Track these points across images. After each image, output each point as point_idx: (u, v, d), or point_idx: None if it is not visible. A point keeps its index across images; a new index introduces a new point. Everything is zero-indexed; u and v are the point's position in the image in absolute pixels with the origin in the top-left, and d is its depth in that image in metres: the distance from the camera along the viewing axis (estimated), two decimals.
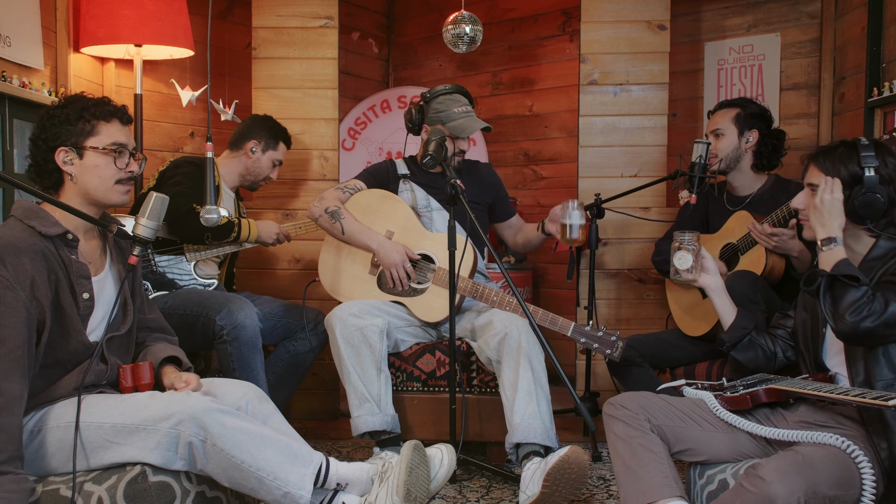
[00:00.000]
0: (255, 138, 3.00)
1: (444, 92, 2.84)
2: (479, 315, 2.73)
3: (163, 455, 1.71)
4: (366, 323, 2.56)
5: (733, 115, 2.75)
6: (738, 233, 2.65)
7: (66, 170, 1.82)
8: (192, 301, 2.63)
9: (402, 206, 2.84)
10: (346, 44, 4.30)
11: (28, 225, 1.73)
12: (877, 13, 2.88)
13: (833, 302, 1.78)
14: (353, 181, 2.91)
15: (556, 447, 2.36)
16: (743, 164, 2.75)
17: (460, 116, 2.79)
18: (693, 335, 2.73)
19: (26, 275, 1.66)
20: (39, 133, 1.82)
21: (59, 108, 1.84)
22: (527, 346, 2.46)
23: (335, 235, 2.82)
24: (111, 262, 1.93)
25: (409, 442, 1.96)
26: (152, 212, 1.86)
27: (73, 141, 1.81)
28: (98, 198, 1.85)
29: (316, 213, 2.83)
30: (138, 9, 3.02)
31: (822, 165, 1.91)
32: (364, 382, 2.54)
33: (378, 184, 2.92)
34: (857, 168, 1.85)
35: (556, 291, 4.17)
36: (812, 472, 1.55)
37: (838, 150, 1.90)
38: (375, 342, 2.56)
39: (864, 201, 1.84)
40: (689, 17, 3.69)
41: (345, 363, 2.55)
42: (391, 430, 2.56)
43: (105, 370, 1.86)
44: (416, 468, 1.91)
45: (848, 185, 1.86)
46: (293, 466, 1.75)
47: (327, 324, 2.63)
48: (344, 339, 2.55)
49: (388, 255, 2.71)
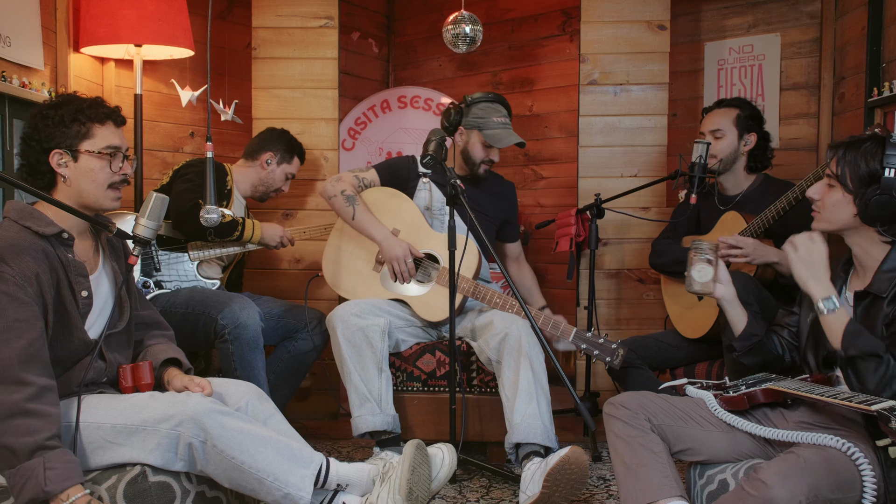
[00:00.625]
0: (272, 151, 3.03)
1: (486, 99, 2.85)
2: (480, 315, 2.73)
3: (162, 456, 1.71)
4: (367, 323, 2.56)
5: (734, 116, 2.74)
6: (728, 233, 2.65)
7: (60, 172, 1.81)
8: (195, 300, 2.63)
9: (410, 206, 2.84)
10: (346, 44, 4.30)
11: (24, 225, 1.73)
12: (877, 13, 2.88)
13: (859, 380, 1.74)
14: (371, 173, 2.90)
15: (556, 448, 2.36)
16: (738, 165, 2.76)
17: (498, 126, 2.80)
18: (691, 337, 2.73)
19: (31, 272, 1.68)
20: (32, 133, 1.81)
21: (52, 109, 1.82)
22: (527, 346, 2.46)
23: (344, 218, 2.81)
24: (104, 261, 1.94)
25: (411, 441, 1.96)
26: (152, 212, 1.86)
27: (68, 143, 1.81)
28: (89, 202, 1.85)
29: (331, 191, 2.81)
30: (138, 9, 3.02)
31: (843, 159, 1.84)
32: (365, 382, 2.54)
33: (395, 179, 2.90)
34: (879, 166, 1.78)
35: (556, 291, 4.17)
36: (813, 475, 1.54)
37: (865, 143, 1.82)
38: (377, 342, 2.56)
39: (878, 202, 1.77)
40: (689, 17, 3.69)
41: (346, 363, 2.55)
42: (392, 431, 2.56)
43: (104, 367, 1.87)
44: (419, 467, 1.91)
45: (865, 182, 1.80)
46: (293, 467, 1.75)
47: (329, 323, 2.63)
48: (345, 338, 2.55)
49: (392, 249, 2.70)
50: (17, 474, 1.59)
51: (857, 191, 1.82)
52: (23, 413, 1.60)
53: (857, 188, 1.82)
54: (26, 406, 1.60)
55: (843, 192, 1.85)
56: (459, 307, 2.73)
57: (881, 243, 1.85)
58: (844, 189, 1.84)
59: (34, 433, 1.59)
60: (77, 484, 1.60)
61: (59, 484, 1.57)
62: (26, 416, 1.60)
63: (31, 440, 1.59)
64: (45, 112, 1.82)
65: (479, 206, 2.90)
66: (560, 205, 4.01)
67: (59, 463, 1.59)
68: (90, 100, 1.87)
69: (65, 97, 1.86)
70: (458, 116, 2.85)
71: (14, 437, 1.59)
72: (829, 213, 1.89)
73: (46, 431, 1.61)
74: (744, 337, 2.07)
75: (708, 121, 2.79)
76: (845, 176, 1.84)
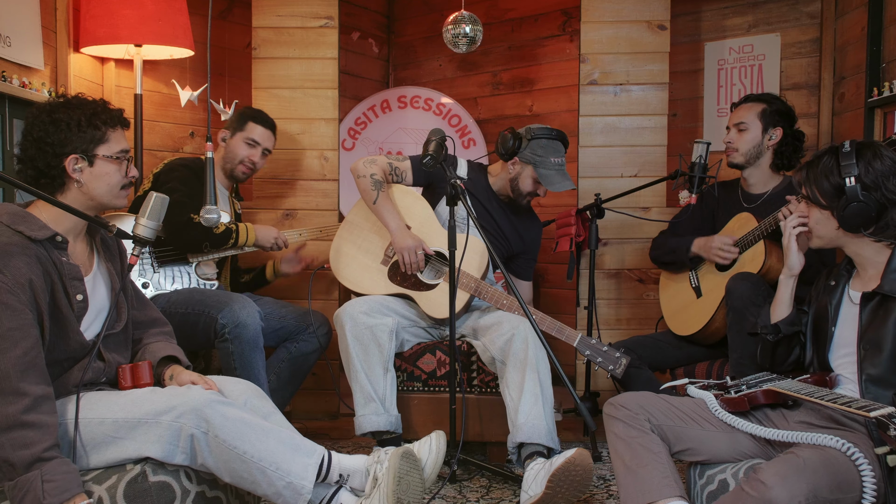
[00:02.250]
0: (225, 128, 3.00)
1: (548, 136, 2.78)
2: (484, 315, 2.73)
3: (164, 448, 1.71)
4: (376, 322, 2.56)
5: (759, 110, 2.70)
6: (738, 233, 2.65)
7: (74, 177, 1.80)
8: (194, 300, 2.63)
9: (423, 204, 2.84)
10: (346, 44, 4.30)
11: (15, 230, 1.70)
12: (877, 13, 2.88)
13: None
14: (406, 167, 2.85)
15: (558, 449, 2.37)
16: (762, 161, 2.71)
17: (553, 168, 2.76)
18: (681, 334, 2.73)
19: (24, 278, 1.66)
20: (44, 137, 1.77)
21: (63, 112, 1.80)
22: (534, 348, 2.46)
23: (366, 200, 2.79)
24: (99, 262, 1.93)
25: (395, 451, 1.92)
26: (152, 212, 1.86)
27: (84, 148, 1.80)
28: (105, 203, 1.86)
29: (363, 171, 2.80)
30: (138, 9, 3.02)
31: (807, 180, 1.90)
32: (371, 381, 2.54)
33: (429, 178, 2.87)
34: (839, 178, 1.83)
35: (556, 291, 4.17)
36: (813, 475, 1.54)
37: (822, 160, 1.88)
38: (385, 342, 2.55)
39: (852, 211, 1.81)
40: (689, 17, 3.69)
41: (353, 361, 2.54)
42: (394, 431, 2.56)
43: (103, 367, 1.87)
44: (406, 475, 1.90)
45: (835, 196, 1.84)
46: (296, 456, 1.76)
47: (336, 320, 2.61)
48: (353, 336, 2.54)
49: (404, 239, 2.70)
50: (16, 487, 1.58)
51: (831, 205, 1.86)
52: (20, 425, 1.59)
53: (830, 203, 1.86)
54: (22, 418, 1.59)
55: (820, 209, 1.89)
56: (465, 306, 2.73)
57: (878, 246, 1.87)
58: (819, 207, 1.89)
59: (31, 445, 1.59)
60: (77, 494, 1.60)
61: (58, 496, 1.57)
62: (23, 429, 1.59)
63: (27, 453, 1.58)
64: (55, 116, 1.79)
65: (499, 226, 2.90)
66: (560, 205, 4.01)
67: (57, 474, 1.59)
68: (100, 103, 1.86)
69: (72, 100, 1.84)
70: (516, 146, 2.76)
71: (11, 451, 1.58)
72: (816, 230, 1.94)
73: (43, 443, 1.60)
74: (788, 321, 2.05)
75: (734, 114, 2.76)
76: (815, 195, 1.89)
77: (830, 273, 2.02)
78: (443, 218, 2.84)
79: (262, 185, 3.43)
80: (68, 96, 1.86)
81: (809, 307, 2.05)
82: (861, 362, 1.82)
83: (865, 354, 1.82)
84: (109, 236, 1.95)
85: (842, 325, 1.92)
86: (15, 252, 1.67)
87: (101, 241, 1.97)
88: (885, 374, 1.78)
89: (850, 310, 1.90)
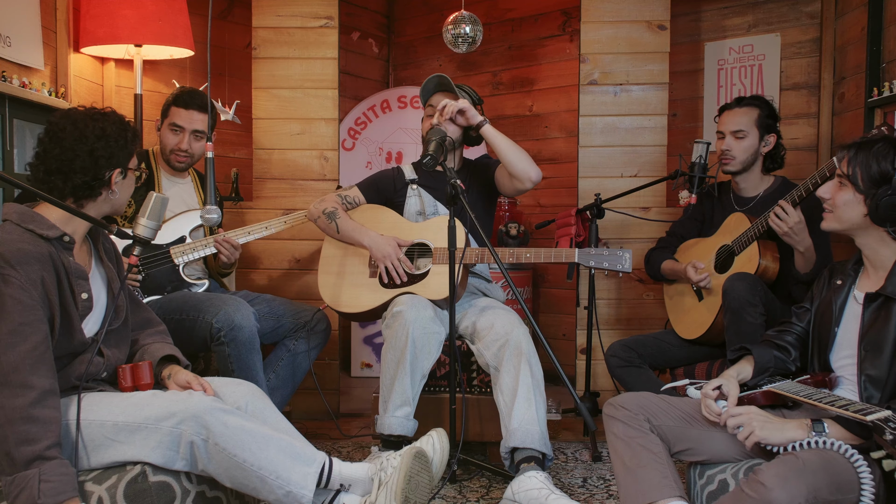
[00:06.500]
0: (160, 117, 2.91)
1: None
2: (482, 315, 2.72)
3: (164, 454, 1.72)
4: (436, 330, 2.54)
5: (755, 116, 2.66)
6: (733, 234, 2.64)
7: (114, 188, 1.88)
8: (188, 305, 2.61)
9: (388, 212, 2.86)
10: (346, 44, 4.30)
11: (26, 228, 1.74)
12: (877, 13, 2.88)
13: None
14: (355, 192, 2.88)
15: (551, 454, 2.38)
16: (755, 167, 2.70)
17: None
18: (687, 338, 2.73)
19: (36, 275, 1.69)
20: (101, 150, 1.83)
21: (112, 127, 1.86)
22: (527, 350, 2.45)
23: (331, 235, 2.83)
24: (96, 262, 1.96)
25: (408, 449, 1.92)
26: (152, 212, 1.89)
27: (125, 163, 1.89)
28: (119, 211, 1.96)
29: (314, 213, 2.85)
30: (138, 9, 3.02)
31: (854, 159, 1.84)
32: (412, 385, 2.51)
33: (379, 194, 2.90)
34: (890, 167, 1.78)
35: (556, 291, 4.17)
36: (812, 476, 1.54)
37: (877, 144, 1.82)
38: (434, 351, 2.55)
39: (888, 202, 1.77)
40: (689, 17, 3.70)
41: (405, 361, 2.49)
42: (412, 437, 2.54)
43: (103, 362, 1.88)
44: (416, 475, 1.90)
45: (876, 182, 1.80)
46: (296, 465, 1.76)
47: (398, 315, 2.54)
48: (414, 338, 2.49)
49: (381, 249, 2.71)
50: (13, 483, 1.60)
51: (868, 191, 1.81)
52: (25, 419, 1.61)
53: (868, 188, 1.81)
54: (29, 411, 1.62)
55: (854, 191, 1.84)
56: (462, 280, 2.69)
57: (892, 244, 1.84)
58: (855, 189, 1.84)
59: (34, 442, 1.60)
60: (71, 498, 1.61)
61: (53, 498, 1.58)
62: (28, 423, 1.61)
63: (29, 450, 1.60)
64: (106, 130, 1.84)
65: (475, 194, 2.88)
66: (560, 205, 4.02)
67: (54, 476, 1.60)
68: (124, 118, 1.93)
69: (113, 116, 1.90)
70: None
71: (14, 445, 1.60)
72: (839, 212, 1.88)
73: (46, 440, 1.62)
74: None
75: (729, 120, 2.70)
76: (856, 176, 1.83)
77: (835, 272, 2.00)
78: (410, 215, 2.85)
79: (262, 185, 3.43)
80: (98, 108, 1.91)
81: (812, 305, 2.03)
82: (861, 363, 1.82)
83: (866, 355, 1.81)
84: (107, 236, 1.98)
85: (845, 325, 1.90)
86: (28, 250, 1.70)
87: (99, 241, 1.99)
88: (885, 376, 1.78)
89: (854, 310, 1.89)
